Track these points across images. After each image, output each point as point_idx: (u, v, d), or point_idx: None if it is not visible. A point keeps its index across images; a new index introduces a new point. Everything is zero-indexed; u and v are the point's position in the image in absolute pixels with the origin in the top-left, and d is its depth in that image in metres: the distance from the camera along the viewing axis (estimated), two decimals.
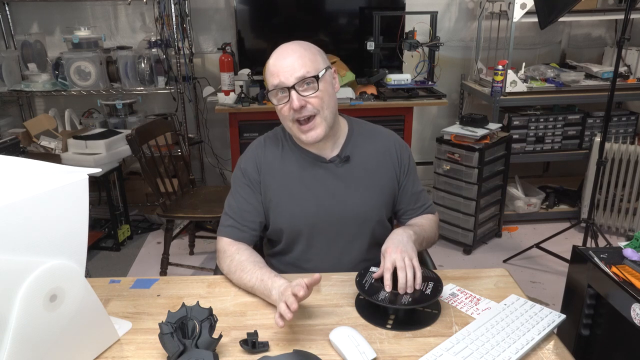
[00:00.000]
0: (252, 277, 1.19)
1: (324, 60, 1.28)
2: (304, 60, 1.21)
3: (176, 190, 2.68)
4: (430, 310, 1.12)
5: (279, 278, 1.15)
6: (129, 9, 3.31)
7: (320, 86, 1.22)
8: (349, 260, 1.37)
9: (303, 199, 1.32)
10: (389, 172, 1.39)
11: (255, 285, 1.18)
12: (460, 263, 2.88)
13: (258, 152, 1.36)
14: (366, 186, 1.35)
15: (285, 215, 1.33)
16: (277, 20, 3.23)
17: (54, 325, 0.89)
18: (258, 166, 1.35)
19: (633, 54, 3.21)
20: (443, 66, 3.30)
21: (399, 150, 1.41)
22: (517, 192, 3.31)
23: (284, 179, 1.33)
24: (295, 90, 1.21)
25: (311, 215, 1.32)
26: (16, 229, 0.82)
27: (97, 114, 3.32)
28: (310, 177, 1.33)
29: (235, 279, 1.24)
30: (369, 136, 1.40)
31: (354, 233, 1.36)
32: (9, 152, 2.52)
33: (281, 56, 1.23)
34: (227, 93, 2.92)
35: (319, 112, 1.24)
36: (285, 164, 1.34)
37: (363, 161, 1.36)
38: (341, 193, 1.33)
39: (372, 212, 1.36)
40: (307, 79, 1.21)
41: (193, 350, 0.93)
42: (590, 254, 1.33)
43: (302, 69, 1.20)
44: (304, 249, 1.37)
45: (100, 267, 2.88)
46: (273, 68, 1.23)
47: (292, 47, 1.25)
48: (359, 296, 1.18)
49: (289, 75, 1.20)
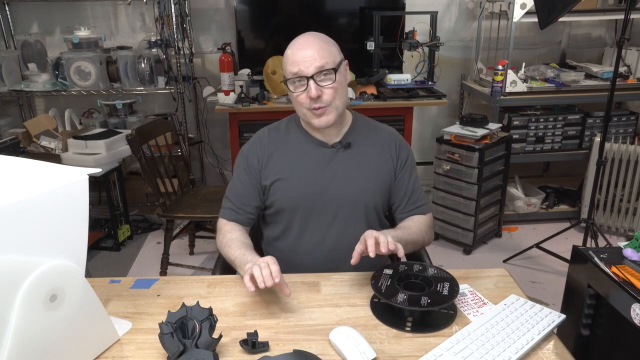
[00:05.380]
0: (236, 252, 1.28)
1: (339, 52, 1.34)
2: (323, 52, 1.27)
3: (176, 190, 2.68)
4: (447, 311, 1.12)
5: (257, 256, 1.23)
6: (129, 9, 3.31)
7: (337, 77, 1.29)
8: (343, 248, 1.35)
9: (304, 180, 1.38)
10: (387, 164, 1.43)
11: (236, 259, 1.27)
12: (460, 263, 2.88)
13: (261, 140, 1.43)
14: (363, 172, 1.40)
15: (286, 194, 1.39)
16: (277, 21, 3.23)
17: (54, 325, 0.89)
18: (260, 153, 1.41)
19: (633, 54, 3.21)
20: (443, 66, 3.30)
21: (399, 146, 1.45)
22: (517, 192, 3.31)
23: (287, 161, 1.40)
24: (313, 80, 1.26)
25: (310, 195, 1.38)
26: (16, 229, 0.82)
27: (97, 114, 3.32)
28: (312, 160, 1.39)
29: (223, 253, 1.35)
30: (371, 129, 1.46)
31: (349, 216, 1.39)
32: (9, 152, 2.52)
33: (302, 46, 1.29)
34: (227, 93, 2.92)
35: (331, 103, 1.30)
36: (288, 147, 1.41)
37: (363, 150, 1.42)
38: (339, 175, 1.39)
39: (368, 197, 1.40)
40: (325, 70, 1.27)
41: (193, 350, 0.93)
42: (590, 254, 1.33)
43: (322, 60, 1.26)
44: (300, 232, 1.41)
45: (100, 267, 2.88)
46: (293, 57, 1.28)
47: (311, 38, 1.30)
48: (373, 298, 1.18)
49: (308, 65, 1.26)
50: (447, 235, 3.05)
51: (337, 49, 1.34)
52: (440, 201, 3.01)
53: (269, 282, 1.07)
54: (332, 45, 1.32)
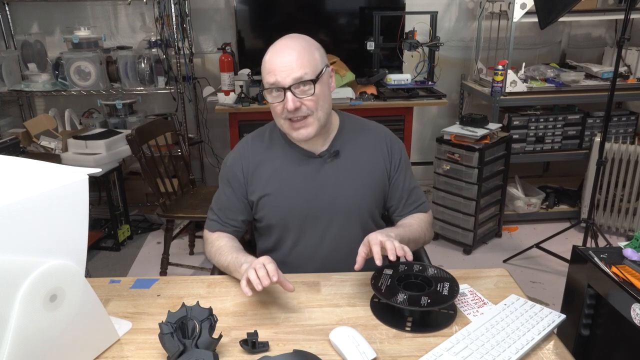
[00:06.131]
0: (228, 257, 1.25)
1: (323, 58, 1.24)
2: (302, 60, 1.18)
3: (176, 190, 2.68)
4: (447, 311, 1.12)
5: (252, 257, 1.20)
6: (129, 9, 3.31)
7: (317, 88, 1.20)
8: (337, 258, 1.35)
9: (292, 194, 1.32)
10: (379, 167, 1.37)
11: (230, 264, 1.23)
12: (460, 263, 2.88)
13: (244, 151, 1.36)
14: (355, 180, 1.33)
15: (274, 209, 1.33)
16: (277, 20, 3.23)
17: (54, 325, 0.89)
18: (244, 166, 1.34)
19: (633, 54, 3.21)
20: (443, 66, 3.30)
21: (390, 144, 1.39)
22: (517, 192, 3.31)
23: (273, 174, 1.33)
24: (291, 91, 1.18)
25: (300, 209, 1.32)
26: (16, 229, 0.82)
27: (97, 114, 3.32)
28: (299, 172, 1.32)
29: (215, 262, 1.31)
30: (359, 131, 1.38)
31: (342, 226, 1.34)
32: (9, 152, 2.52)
33: (279, 53, 1.19)
34: (227, 93, 2.92)
35: (312, 113, 1.22)
36: (274, 159, 1.34)
37: (352, 156, 1.34)
38: (329, 187, 1.32)
39: (361, 205, 1.34)
40: (304, 81, 1.18)
41: (193, 350, 0.93)
42: (590, 254, 1.33)
43: (300, 70, 1.17)
44: (293, 244, 1.37)
45: (100, 267, 2.88)
46: (270, 65, 1.20)
47: (290, 43, 1.20)
48: (373, 298, 1.17)
49: (285, 76, 1.17)
50: (447, 235, 3.05)
51: (321, 53, 1.24)
52: (440, 201, 3.01)
53: (266, 281, 1.04)
54: (314, 52, 1.21)
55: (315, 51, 1.23)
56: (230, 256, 1.24)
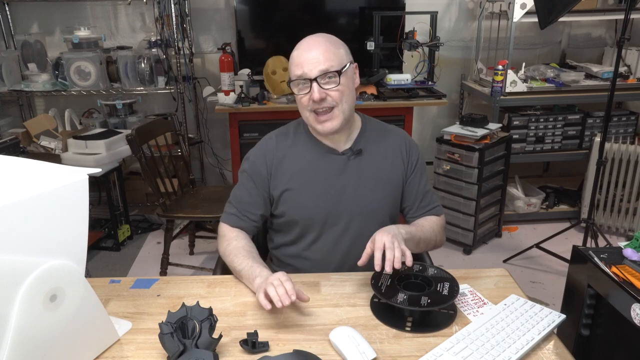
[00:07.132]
0: (243, 263, 1.25)
1: (348, 54, 1.32)
2: (328, 54, 1.25)
3: (176, 190, 2.68)
4: (447, 311, 1.12)
5: (267, 270, 1.20)
6: (129, 9, 3.31)
7: (342, 80, 1.26)
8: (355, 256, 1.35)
9: (316, 191, 1.35)
10: (399, 169, 1.41)
11: (243, 270, 1.23)
12: (460, 263, 2.88)
13: (269, 146, 1.39)
14: (377, 180, 1.37)
15: (299, 206, 1.36)
16: (277, 20, 3.23)
17: (54, 325, 0.89)
18: (268, 161, 1.37)
19: (633, 54, 3.21)
20: (443, 66, 3.30)
21: (409, 147, 1.44)
22: (517, 192, 3.31)
23: (297, 170, 1.36)
24: (317, 82, 1.24)
25: (324, 206, 1.35)
26: (16, 229, 0.82)
27: (97, 114, 3.32)
28: (323, 168, 1.36)
29: (227, 261, 1.31)
30: (381, 133, 1.43)
31: (362, 226, 1.37)
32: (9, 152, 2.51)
33: (307, 48, 1.26)
34: (227, 93, 2.92)
35: (337, 105, 1.27)
36: (297, 155, 1.37)
37: (374, 156, 1.39)
38: (353, 186, 1.36)
39: (382, 207, 1.38)
40: (329, 73, 1.24)
41: (193, 350, 0.93)
42: (590, 254, 1.33)
43: (326, 62, 1.24)
44: (313, 240, 1.39)
45: (100, 267, 2.88)
46: (298, 59, 1.26)
47: (318, 39, 1.28)
48: (373, 298, 1.17)
49: (312, 67, 1.24)
50: (447, 235, 3.03)
51: (346, 50, 1.31)
52: (441, 201, 2.98)
53: (287, 301, 1.04)
54: (340, 47, 1.30)
55: (341, 47, 1.31)
56: (246, 262, 1.24)
